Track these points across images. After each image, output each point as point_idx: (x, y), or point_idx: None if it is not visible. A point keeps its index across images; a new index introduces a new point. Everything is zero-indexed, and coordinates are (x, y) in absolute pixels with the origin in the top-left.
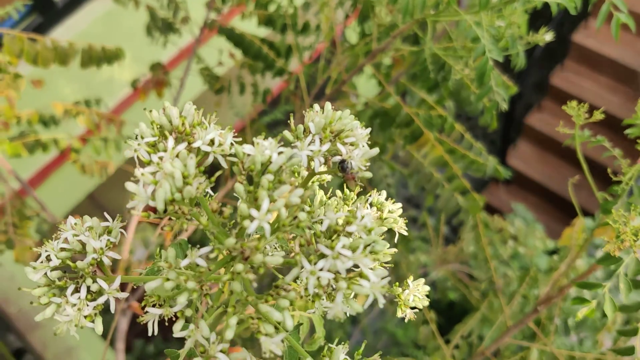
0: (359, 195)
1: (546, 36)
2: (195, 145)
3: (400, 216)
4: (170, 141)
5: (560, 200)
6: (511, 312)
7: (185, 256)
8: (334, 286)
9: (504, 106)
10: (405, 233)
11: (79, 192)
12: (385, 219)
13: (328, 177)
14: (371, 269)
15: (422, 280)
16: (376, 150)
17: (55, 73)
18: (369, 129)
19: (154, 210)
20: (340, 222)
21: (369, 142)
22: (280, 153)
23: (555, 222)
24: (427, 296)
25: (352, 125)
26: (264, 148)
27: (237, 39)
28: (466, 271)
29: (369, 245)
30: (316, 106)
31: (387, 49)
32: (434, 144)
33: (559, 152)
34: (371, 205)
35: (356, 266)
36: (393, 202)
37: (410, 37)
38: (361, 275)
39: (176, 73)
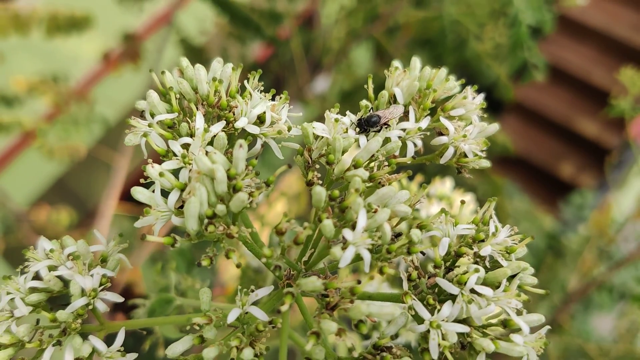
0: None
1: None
2: (239, 124)
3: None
4: (199, 119)
5: (544, 175)
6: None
7: (189, 265)
8: (465, 343)
9: (539, 77)
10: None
11: (45, 178)
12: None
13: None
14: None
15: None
16: (496, 126)
17: (16, 47)
18: (483, 94)
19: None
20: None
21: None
22: (367, 134)
23: (537, 198)
24: None
25: (457, 90)
26: (344, 127)
27: (223, 4)
28: None
29: (515, 276)
30: (395, 63)
31: (395, 14)
32: None
33: (542, 126)
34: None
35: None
36: (463, 192)
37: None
38: (507, 325)
39: (150, 45)
